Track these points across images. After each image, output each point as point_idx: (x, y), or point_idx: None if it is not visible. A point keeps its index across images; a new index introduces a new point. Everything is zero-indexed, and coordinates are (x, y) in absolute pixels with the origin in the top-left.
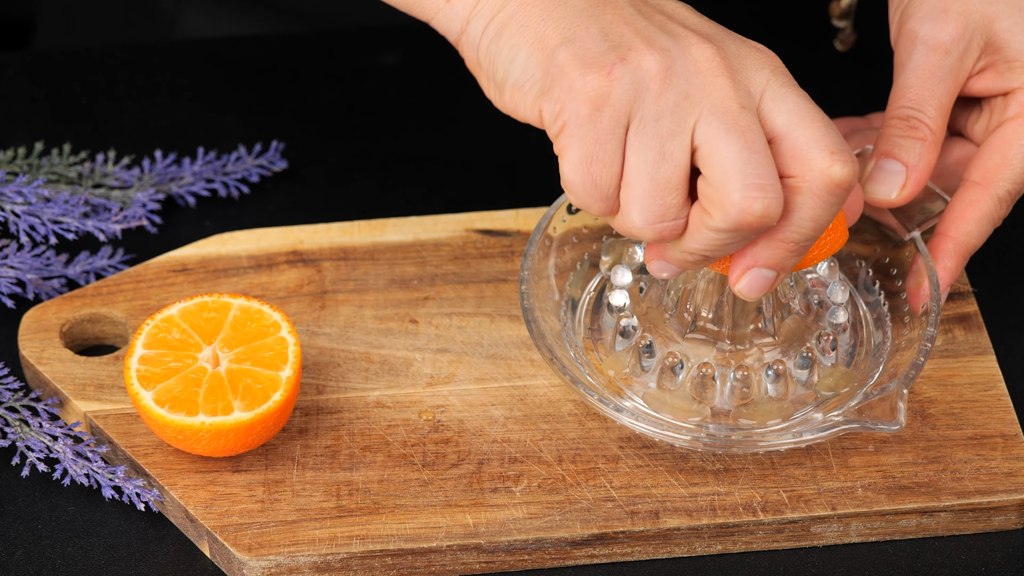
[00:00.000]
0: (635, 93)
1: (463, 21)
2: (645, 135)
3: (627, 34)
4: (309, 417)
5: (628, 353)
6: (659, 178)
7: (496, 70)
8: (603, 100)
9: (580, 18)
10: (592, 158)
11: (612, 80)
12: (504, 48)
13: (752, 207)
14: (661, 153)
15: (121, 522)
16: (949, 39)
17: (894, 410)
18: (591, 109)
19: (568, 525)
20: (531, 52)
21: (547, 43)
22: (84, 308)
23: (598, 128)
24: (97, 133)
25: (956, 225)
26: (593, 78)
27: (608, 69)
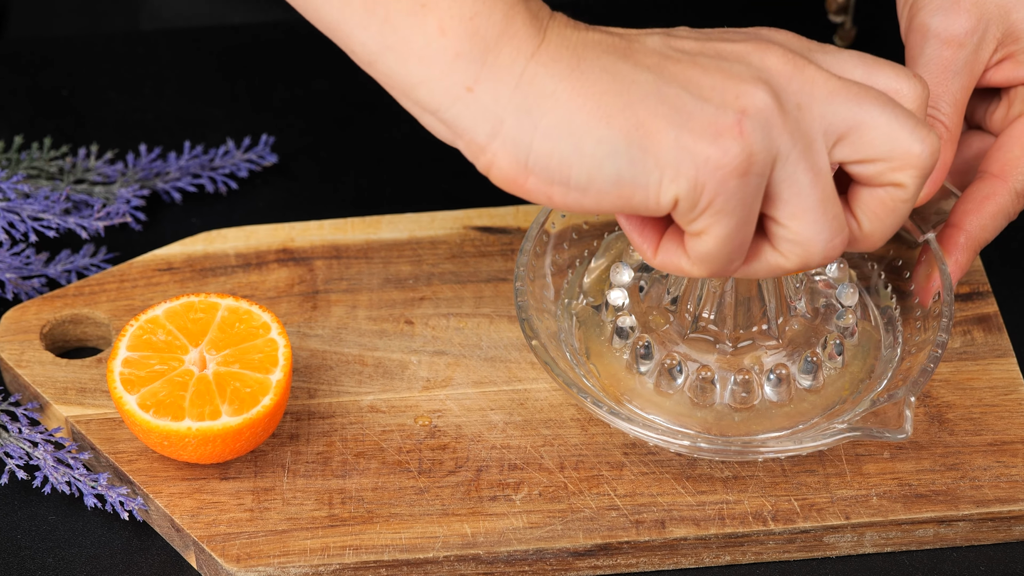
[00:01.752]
0: (768, 136)
1: (495, 118)
2: (791, 164)
3: (713, 80)
4: (300, 422)
5: (625, 354)
6: (821, 195)
7: (567, 171)
8: (749, 163)
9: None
10: (741, 223)
11: (746, 137)
12: (578, 144)
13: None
14: (811, 171)
15: (104, 532)
16: (962, 31)
17: (901, 418)
18: (739, 175)
19: (570, 535)
20: (626, 140)
21: (642, 126)
22: (65, 309)
23: (746, 193)
24: (79, 126)
25: (970, 217)
26: (729, 144)
27: (736, 128)
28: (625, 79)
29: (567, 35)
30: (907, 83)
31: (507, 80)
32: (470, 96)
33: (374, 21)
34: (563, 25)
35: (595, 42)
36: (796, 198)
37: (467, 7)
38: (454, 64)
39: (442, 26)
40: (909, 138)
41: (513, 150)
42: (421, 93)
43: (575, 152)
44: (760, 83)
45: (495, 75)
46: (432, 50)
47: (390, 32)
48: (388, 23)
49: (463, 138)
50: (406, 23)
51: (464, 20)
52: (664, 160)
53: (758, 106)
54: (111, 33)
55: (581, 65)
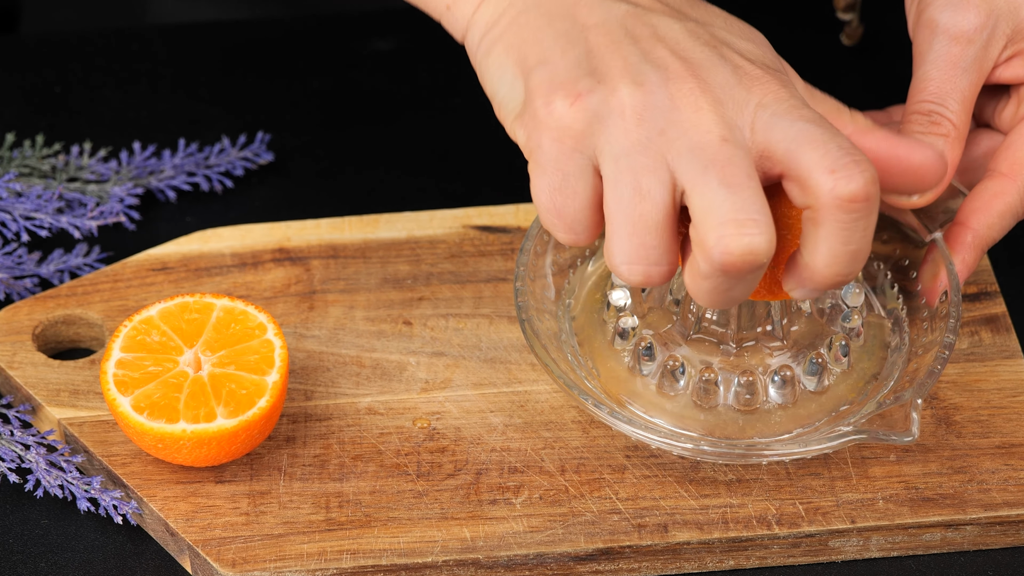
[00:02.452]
0: (601, 125)
1: (462, 30)
2: (618, 170)
3: (608, 62)
4: (297, 424)
5: (627, 355)
6: (635, 216)
7: (487, 85)
8: (565, 131)
9: (561, 41)
10: (555, 187)
11: (576, 109)
12: (493, 66)
13: (729, 246)
14: (636, 189)
15: (97, 536)
16: (971, 27)
17: (907, 420)
18: (552, 140)
19: (571, 539)
20: (515, 73)
21: (527, 65)
22: (58, 309)
23: (560, 159)
24: (72, 124)
25: (978, 216)
26: (558, 106)
27: (573, 98)
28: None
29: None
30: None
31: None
32: (448, 13)
33: None
34: None
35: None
36: (612, 205)
37: None
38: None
39: None
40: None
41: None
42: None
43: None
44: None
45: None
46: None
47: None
48: None
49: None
50: None
51: None
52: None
53: (612, 97)
54: (105, 29)
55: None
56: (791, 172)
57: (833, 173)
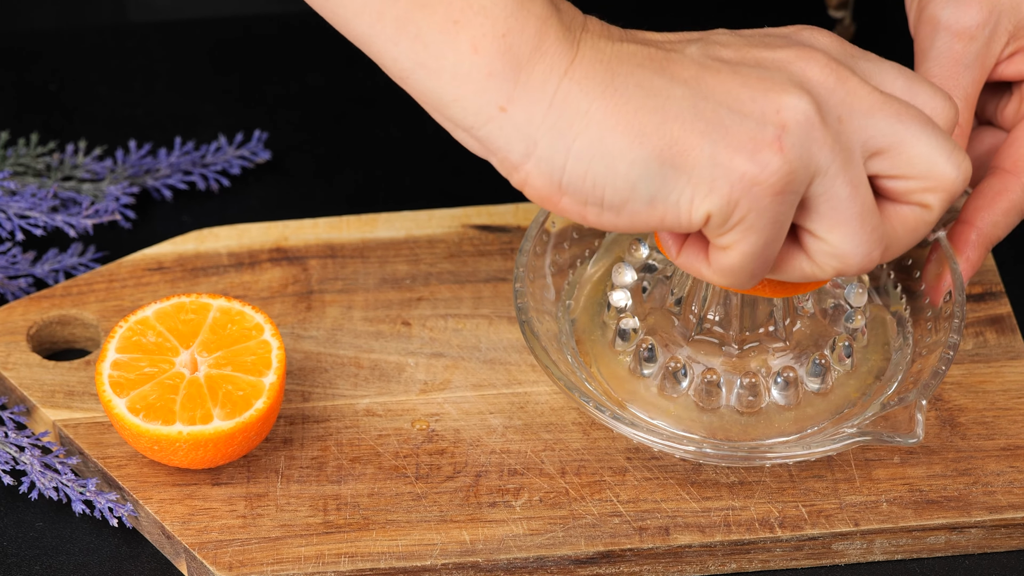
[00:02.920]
0: (808, 152)
1: (529, 139)
2: (829, 178)
3: (752, 92)
4: (294, 426)
5: (628, 356)
6: (861, 209)
7: (601, 192)
8: (788, 178)
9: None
10: (769, 241)
11: (786, 153)
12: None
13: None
14: (851, 185)
15: (92, 539)
16: (974, 24)
17: (912, 422)
18: (776, 194)
19: (572, 542)
20: (659, 160)
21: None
22: (53, 309)
23: (780, 211)
24: (67, 122)
25: (982, 214)
26: (768, 159)
27: (776, 143)
28: (660, 95)
29: (601, 48)
30: (942, 104)
31: (540, 99)
32: (503, 116)
33: (405, 38)
34: (596, 36)
35: (629, 55)
36: (834, 212)
37: (500, 24)
38: (487, 83)
39: (474, 44)
40: (946, 162)
41: (547, 171)
42: (454, 111)
43: (609, 173)
44: (801, 93)
45: (528, 94)
46: (464, 68)
47: (421, 49)
48: (419, 40)
49: (496, 155)
50: (438, 40)
51: (497, 38)
52: (698, 177)
53: (798, 120)
54: (100, 26)
55: (615, 81)
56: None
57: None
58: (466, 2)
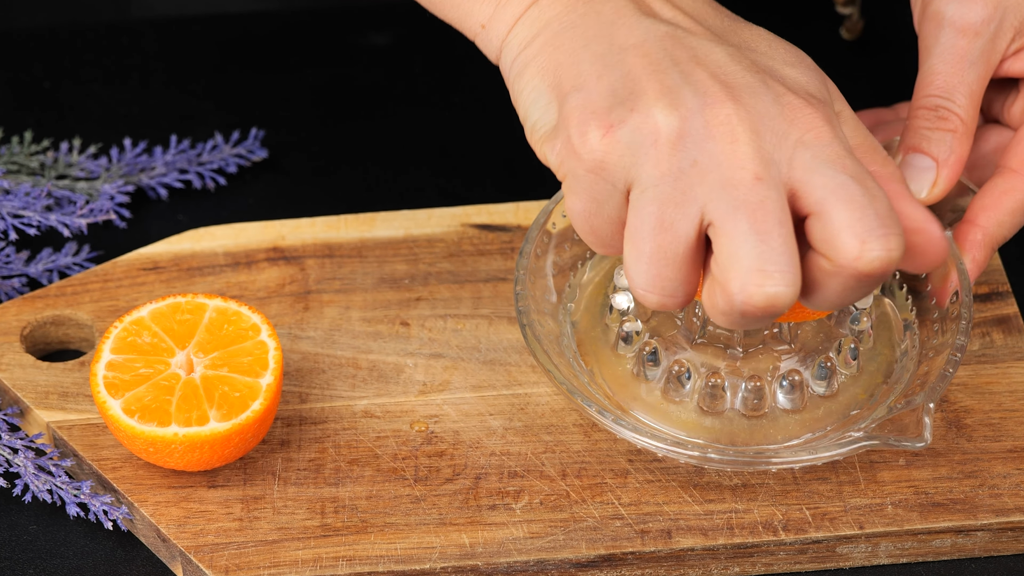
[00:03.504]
0: (633, 157)
1: (496, 50)
2: (643, 199)
3: (644, 85)
4: (291, 428)
5: (630, 360)
6: (655, 247)
7: (519, 106)
8: (599, 165)
9: (598, 65)
10: (590, 212)
11: (609, 141)
12: (527, 88)
13: (753, 297)
14: (659, 221)
15: (87, 542)
16: (979, 20)
17: (919, 425)
18: (586, 171)
19: (573, 545)
20: (549, 97)
21: (562, 89)
22: (47, 309)
23: (594, 188)
24: (61, 119)
25: (987, 214)
26: (591, 136)
27: (606, 128)
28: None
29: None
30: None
31: (507, 21)
32: (483, 32)
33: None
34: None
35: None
36: (633, 231)
37: None
38: (474, 6)
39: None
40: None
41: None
42: (461, 28)
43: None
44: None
45: (501, 16)
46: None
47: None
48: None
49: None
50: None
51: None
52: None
53: (646, 124)
54: (95, 22)
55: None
56: (820, 221)
57: (863, 243)
58: None
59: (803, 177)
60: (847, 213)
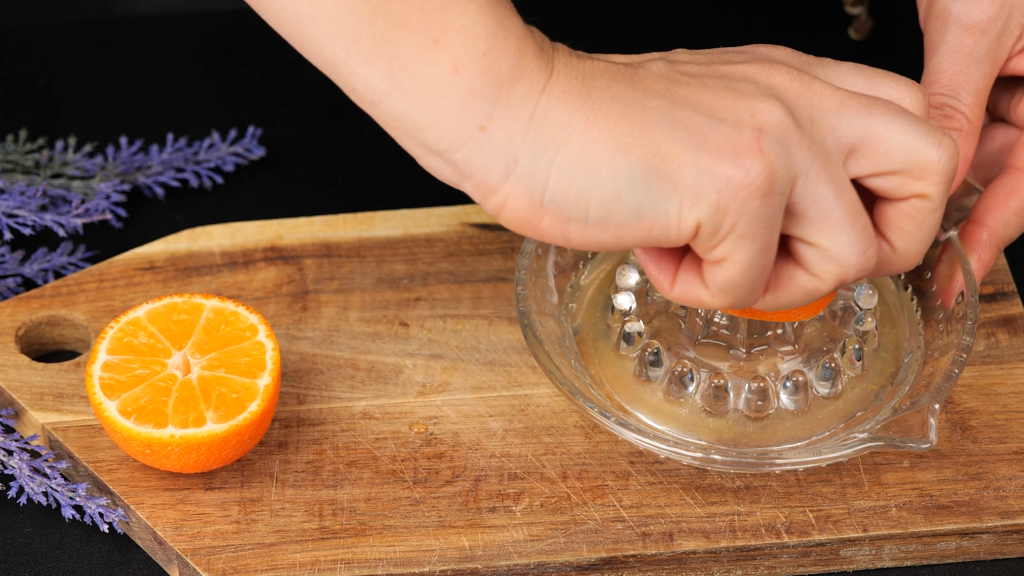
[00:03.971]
0: (787, 153)
1: (509, 156)
2: (811, 182)
3: (727, 101)
4: (289, 429)
5: (633, 361)
6: (846, 206)
7: (585, 206)
8: (771, 182)
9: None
10: (764, 248)
11: (766, 154)
12: (595, 177)
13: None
14: (834, 184)
15: (83, 545)
16: (985, 17)
17: (925, 426)
18: (762, 196)
19: (574, 548)
20: (644, 168)
21: (659, 152)
22: (42, 310)
23: (769, 214)
24: (56, 118)
25: (993, 213)
26: (750, 163)
27: (756, 146)
28: (637, 106)
29: (574, 65)
30: (908, 92)
31: (520, 116)
32: (483, 135)
33: (382, 59)
34: (567, 55)
35: (601, 71)
36: (821, 213)
37: (480, 43)
38: (467, 102)
39: (455, 63)
40: (924, 145)
41: (528, 189)
42: (429, 133)
43: (593, 185)
44: (772, 99)
45: (508, 112)
46: (444, 88)
47: (399, 70)
48: (397, 61)
49: (472, 179)
50: (417, 60)
51: (478, 57)
52: (684, 185)
53: (774, 122)
54: (90, 19)
55: (592, 95)
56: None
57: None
58: (446, 22)
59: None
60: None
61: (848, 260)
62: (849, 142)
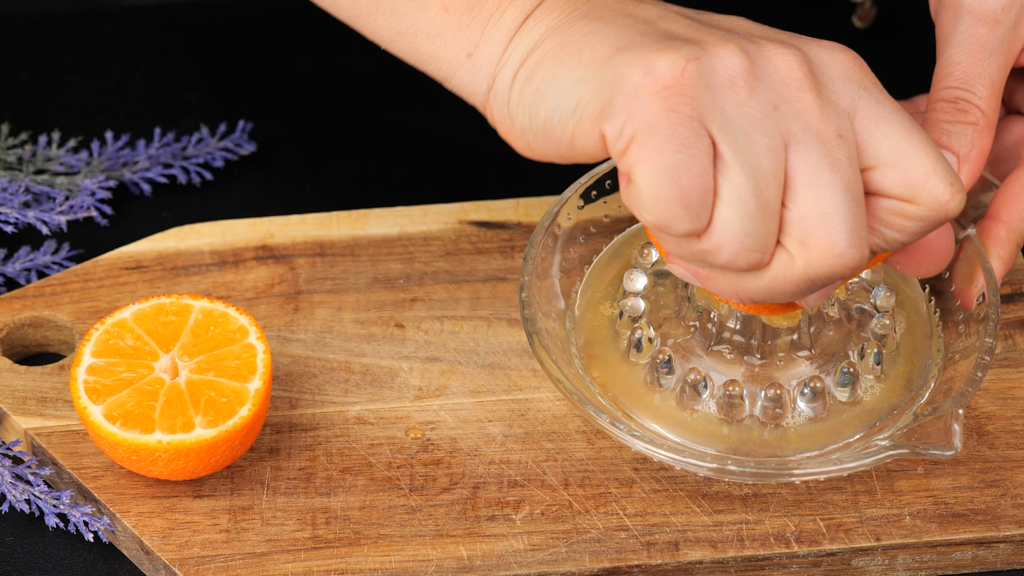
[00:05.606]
0: (713, 93)
1: (489, 76)
2: (738, 149)
3: (695, 36)
4: (281, 435)
5: (643, 368)
6: (762, 200)
7: (535, 113)
8: (678, 94)
9: (633, 28)
10: (679, 165)
11: (684, 71)
12: (541, 84)
13: (851, 261)
14: (760, 172)
15: (67, 554)
16: (999, 7)
17: (948, 433)
18: (666, 107)
19: (576, 558)
20: (579, 74)
21: (597, 58)
22: (24, 311)
23: (677, 130)
24: (39, 112)
25: (1010, 208)
26: (662, 68)
27: (679, 62)
28: (610, 26)
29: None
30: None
31: (501, 40)
32: (470, 61)
33: (380, 11)
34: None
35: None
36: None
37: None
38: (457, 36)
39: (445, 4)
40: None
41: (501, 104)
42: (431, 67)
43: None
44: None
45: (492, 37)
46: (436, 27)
47: (397, 19)
48: (394, 12)
49: (469, 99)
50: (410, 9)
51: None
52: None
53: (719, 60)
54: (74, 10)
55: (575, 13)
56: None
57: (951, 186)
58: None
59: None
60: (926, 156)
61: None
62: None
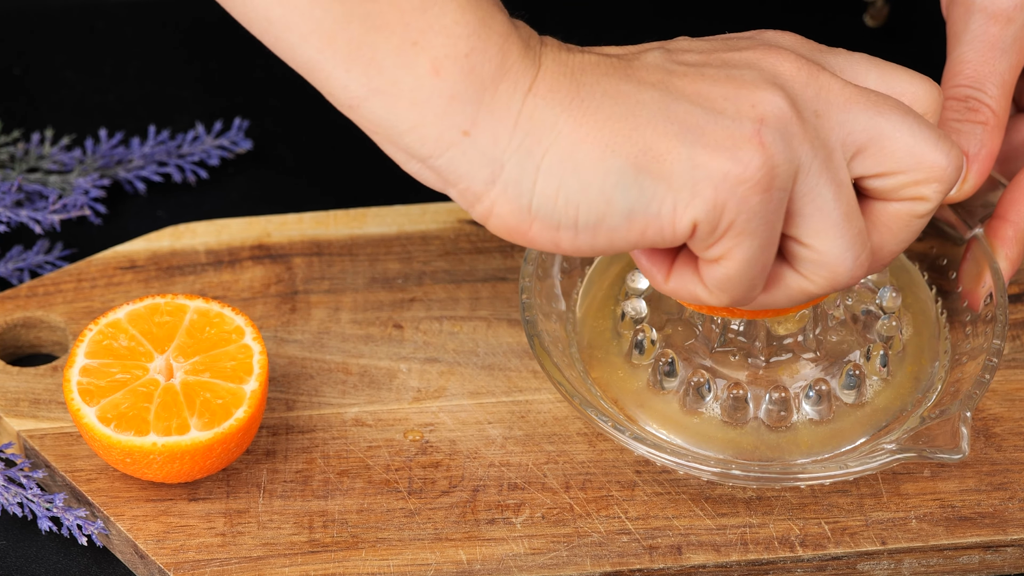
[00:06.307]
0: (789, 146)
1: (492, 163)
2: (811, 179)
3: (724, 90)
4: (277, 437)
5: (646, 370)
6: (844, 207)
7: (576, 210)
8: (771, 176)
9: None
10: (764, 245)
11: (767, 147)
12: (585, 179)
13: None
14: (837, 184)
15: (60, 558)
16: (1011, 5)
17: (956, 436)
18: (762, 192)
19: (577, 562)
20: (635, 168)
21: (651, 150)
22: (17, 311)
23: (769, 210)
24: (32, 109)
25: (1018, 207)
26: (749, 156)
27: (756, 139)
28: (629, 100)
29: (563, 60)
30: (923, 88)
31: (505, 119)
32: (467, 140)
33: (358, 62)
34: (556, 50)
35: (592, 65)
36: (819, 213)
37: (462, 43)
38: (449, 106)
39: (436, 65)
40: (933, 151)
41: (515, 194)
42: (411, 139)
43: (582, 188)
44: (775, 88)
45: (493, 115)
46: (425, 93)
47: (377, 74)
48: (375, 64)
49: (457, 186)
50: (395, 63)
51: (459, 58)
52: (678, 183)
53: (776, 114)
54: (68, 5)
55: (581, 92)
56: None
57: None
58: (426, 22)
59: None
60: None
61: (840, 264)
62: (856, 141)
